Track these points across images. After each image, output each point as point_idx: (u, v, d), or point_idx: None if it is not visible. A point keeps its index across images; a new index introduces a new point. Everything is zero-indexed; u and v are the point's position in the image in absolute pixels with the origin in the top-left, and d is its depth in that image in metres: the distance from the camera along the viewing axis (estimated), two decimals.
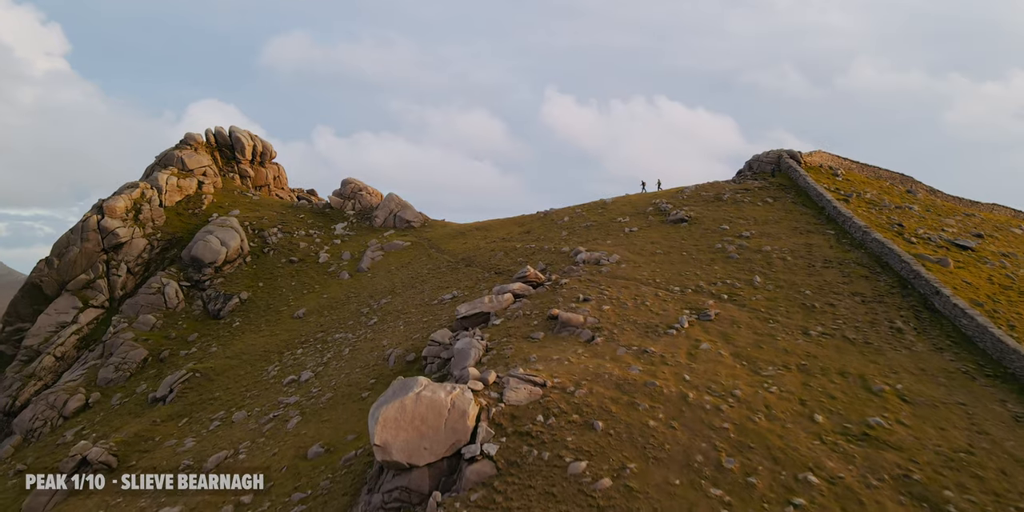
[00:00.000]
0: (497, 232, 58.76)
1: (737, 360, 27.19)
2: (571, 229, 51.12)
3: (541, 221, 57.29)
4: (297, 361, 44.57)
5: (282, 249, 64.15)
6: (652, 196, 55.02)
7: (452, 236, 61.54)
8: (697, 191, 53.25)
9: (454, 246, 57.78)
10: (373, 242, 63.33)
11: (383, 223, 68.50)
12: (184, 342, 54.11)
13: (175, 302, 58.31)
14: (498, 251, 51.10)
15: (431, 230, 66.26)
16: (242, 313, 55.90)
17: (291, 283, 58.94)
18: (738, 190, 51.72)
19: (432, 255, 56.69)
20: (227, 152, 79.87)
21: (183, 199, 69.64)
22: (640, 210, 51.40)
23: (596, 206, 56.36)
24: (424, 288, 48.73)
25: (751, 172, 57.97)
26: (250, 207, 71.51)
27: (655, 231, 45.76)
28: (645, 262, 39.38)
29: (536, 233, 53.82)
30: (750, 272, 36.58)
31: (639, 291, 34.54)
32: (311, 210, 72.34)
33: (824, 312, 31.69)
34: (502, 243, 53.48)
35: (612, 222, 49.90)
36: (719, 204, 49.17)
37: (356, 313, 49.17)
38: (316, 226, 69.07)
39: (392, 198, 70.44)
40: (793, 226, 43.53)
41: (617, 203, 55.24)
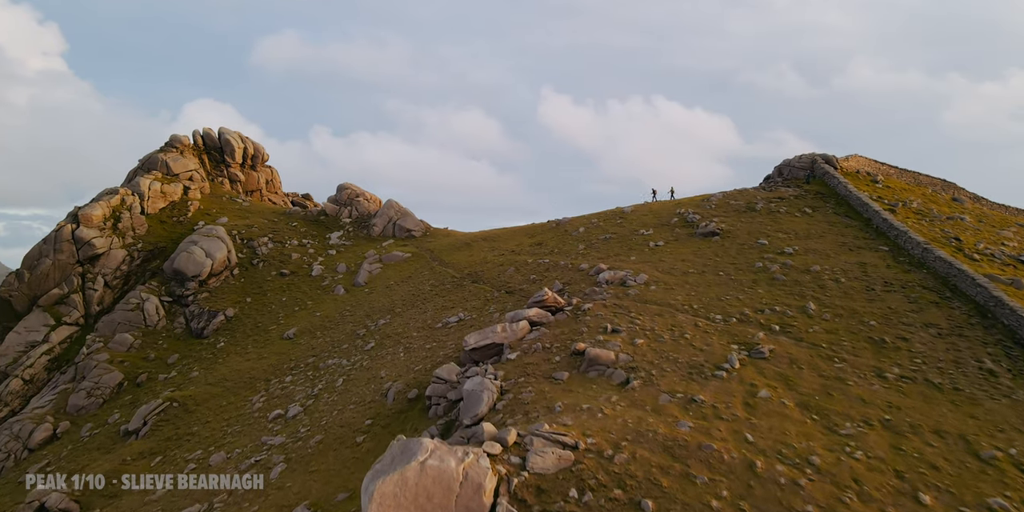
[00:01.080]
0: (505, 243, 54.15)
1: (806, 413, 22.63)
2: (588, 242, 46.51)
3: (553, 232, 52.66)
4: (285, 391, 39.99)
5: (272, 261, 59.52)
6: (675, 205, 50.42)
7: (456, 247, 56.91)
8: (725, 200, 48.64)
9: (459, 259, 53.19)
10: (371, 253, 58.68)
11: (382, 232, 63.76)
12: (163, 365, 49.53)
13: (155, 319, 53.69)
14: (508, 266, 46.50)
15: (433, 240, 61.59)
16: (227, 332, 51.29)
17: (281, 298, 54.33)
18: (771, 199, 47.13)
19: (435, 269, 52.09)
20: (216, 155, 75.18)
21: (167, 206, 64.98)
22: (664, 221, 46.80)
23: (613, 216, 51.74)
24: (427, 308, 44.14)
25: (782, 178, 53.38)
26: (239, 214, 66.85)
27: (684, 246, 41.16)
28: (677, 283, 34.81)
29: (549, 246, 49.21)
30: (801, 297, 32.02)
31: (676, 320, 29.98)
32: (304, 218, 67.59)
33: (897, 348, 27.09)
34: (512, 256, 48.88)
35: (634, 235, 45.30)
36: (752, 215, 44.56)
37: (351, 335, 44.57)
38: (310, 235, 64.37)
39: (391, 205, 65.67)
40: (840, 241, 38.96)
41: (637, 213, 50.63)
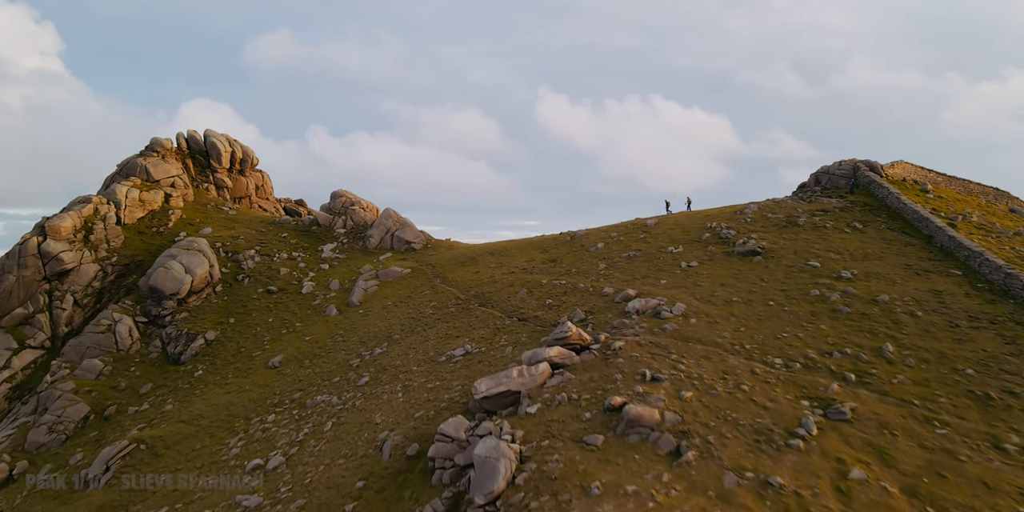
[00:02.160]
0: (515, 259, 49.15)
1: (917, 504, 17.65)
2: (609, 260, 41.52)
3: (568, 247, 47.66)
4: (267, 433, 35.00)
5: (259, 276, 54.52)
6: (704, 218, 45.43)
7: (460, 262, 51.92)
8: (761, 212, 43.66)
9: (463, 276, 48.19)
10: (366, 268, 53.68)
11: (379, 244, 58.76)
12: (135, 395, 44.53)
13: (128, 343, 48.69)
14: (519, 287, 41.51)
15: (435, 253, 56.60)
16: (207, 358, 46.28)
17: (267, 320, 49.31)
18: (814, 212, 42.15)
19: (437, 288, 47.09)
20: (201, 160, 70.19)
21: (146, 215, 59.98)
22: (694, 237, 41.81)
23: (635, 229, 46.74)
24: (428, 335, 39.14)
25: (820, 187, 48.39)
26: (225, 224, 61.86)
27: (721, 267, 36.18)
28: (721, 315, 29.82)
29: (565, 263, 44.22)
30: (873, 335, 27.03)
31: (727, 365, 24.98)
32: (296, 228, 62.55)
33: (1008, 407, 22.08)
34: (523, 276, 43.88)
35: (661, 253, 40.32)
36: (796, 231, 39.57)
37: (343, 365, 39.57)
38: (301, 247, 59.35)
39: (389, 214, 60.61)
40: (903, 263, 33.99)
41: (662, 226, 45.63)
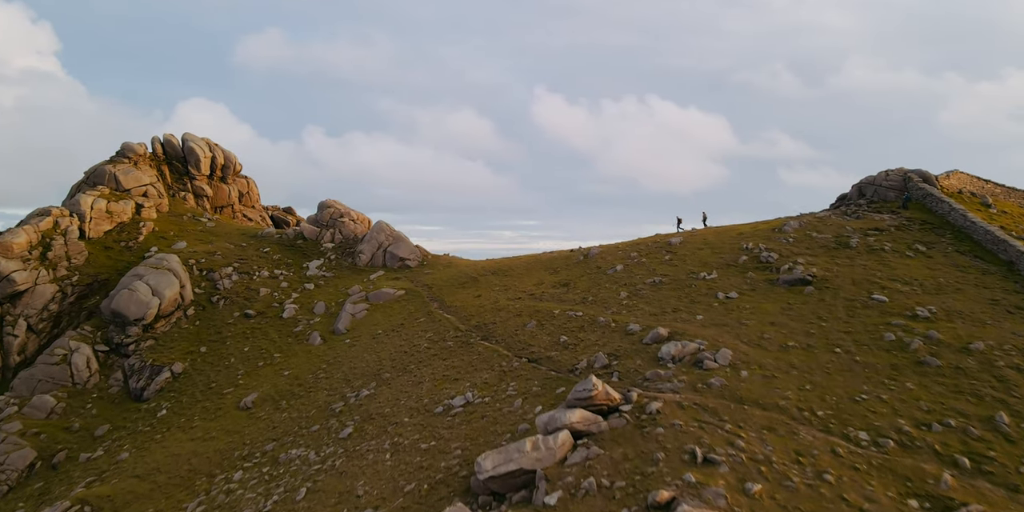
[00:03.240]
0: (521, 281, 43.74)
1: None
2: (631, 287, 36.12)
3: (582, 268, 42.25)
4: (231, 497, 29.59)
5: (236, 297, 49.10)
6: (737, 237, 40.03)
7: (460, 283, 46.50)
8: (804, 231, 38.27)
9: (464, 300, 42.78)
10: (355, 289, 48.25)
11: (370, 261, 53.35)
12: (89, 438, 39.15)
13: (85, 376, 43.29)
14: (527, 317, 36.12)
15: (432, 272, 51.16)
16: (173, 395, 40.88)
17: (243, 349, 43.91)
18: (866, 230, 36.77)
19: (434, 314, 41.68)
20: (179, 166, 64.79)
21: (114, 228, 54.60)
22: (729, 260, 36.42)
23: (657, 248, 41.34)
24: (422, 375, 33.75)
25: (866, 201, 43.01)
26: (202, 237, 56.47)
27: (767, 300, 30.79)
28: (778, 366, 24.42)
29: (579, 289, 38.81)
30: (977, 398, 21.64)
31: (799, 441, 19.58)
32: (279, 242, 57.10)
33: None
34: (531, 303, 38.47)
35: (692, 279, 34.93)
36: (849, 254, 34.19)
37: (324, 409, 34.19)
38: (284, 264, 53.94)
39: (381, 228, 55.19)
40: (986, 297, 28.61)
41: (688, 246, 40.21)
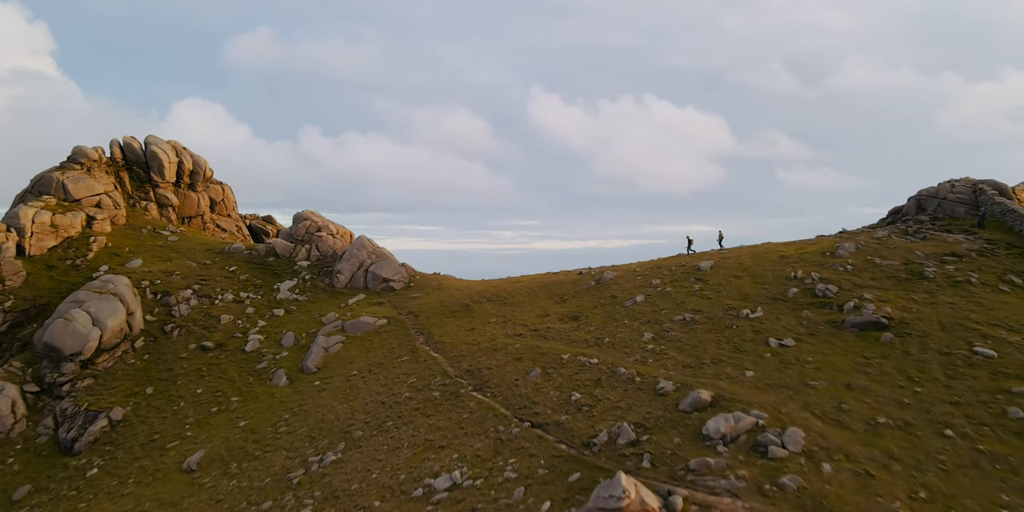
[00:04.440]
0: (522, 311, 37.32)
1: None
2: (656, 325, 29.72)
3: (594, 297, 35.85)
4: None
5: (194, 326, 42.63)
6: (777, 260, 33.65)
7: (451, 312, 40.04)
8: (863, 255, 31.90)
9: (454, 335, 36.36)
10: (331, 317, 41.79)
11: (349, 282, 46.88)
12: (6, 503, 32.74)
13: (10, 422, 36.88)
14: (530, 361, 29.73)
15: (419, 296, 44.64)
16: (108, 449, 34.47)
17: (196, 390, 37.47)
18: (941, 256, 30.42)
19: (418, 352, 35.26)
20: (140, 172, 58.31)
21: (60, 244, 48.15)
22: (774, 292, 30.04)
23: (683, 273, 34.94)
24: (400, 437, 27.36)
25: (929, 217, 36.65)
26: (161, 254, 50.02)
27: (834, 350, 24.42)
28: (870, 454, 18.09)
29: (591, 324, 32.43)
30: None
31: None
32: (248, 259, 50.56)
33: None
34: (535, 342, 32.07)
35: (732, 317, 28.55)
36: (927, 287, 27.83)
37: (281, 479, 27.78)
38: (252, 285, 47.45)
39: (363, 244, 48.66)
40: None
41: (721, 271, 33.81)
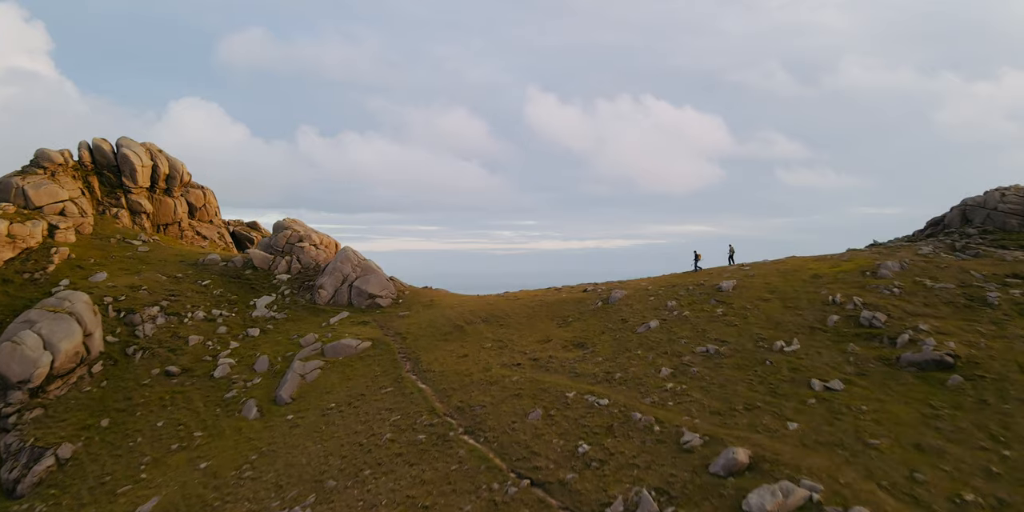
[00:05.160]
0: (521, 336, 33.43)
1: None
2: (674, 358, 25.85)
3: (601, 320, 31.96)
4: None
5: (159, 348, 38.74)
6: (810, 279, 29.79)
7: (443, 333, 36.15)
8: (910, 275, 28.02)
9: (445, 362, 32.46)
10: (310, 338, 37.90)
11: (332, 298, 43.01)
12: None
13: None
14: (530, 400, 25.85)
15: (408, 314, 40.74)
16: (54, 492, 30.57)
17: (156, 423, 33.58)
18: (1003, 278, 26.55)
19: (404, 382, 31.37)
20: (111, 177, 54.42)
21: (18, 256, 44.26)
22: (811, 319, 26.17)
23: (702, 294, 31.05)
24: (379, 491, 23.49)
25: (977, 230, 32.77)
26: (129, 266, 46.12)
27: (891, 394, 20.56)
28: None
29: (600, 353, 28.56)
30: None
31: None
32: (224, 272, 46.66)
33: None
34: (535, 374, 28.17)
35: (764, 349, 24.69)
36: (993, 316, 23.96)
37: None
38: (226, 301, 43.55)
39: (348, 256, 44.74)
40: None
41: (746, 292, 29.91)
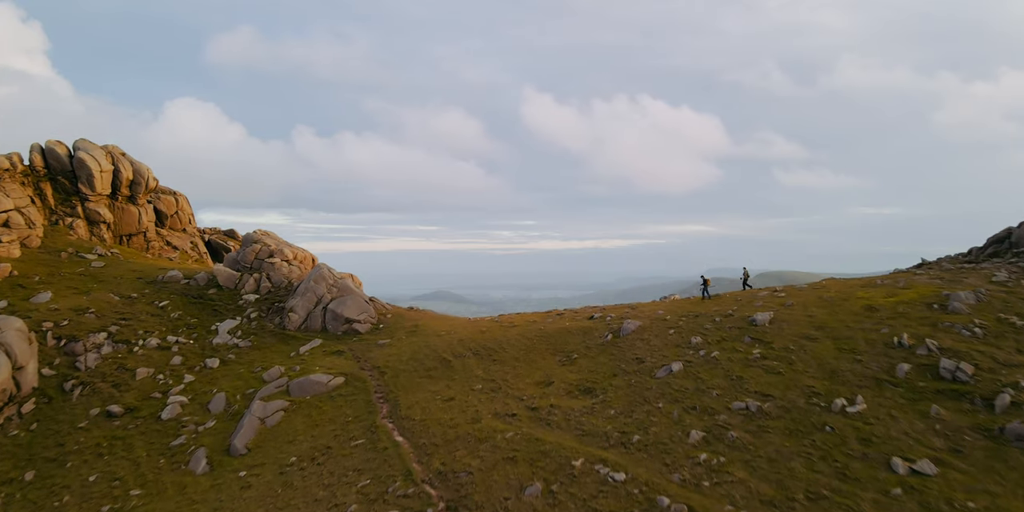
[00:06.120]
0: (517, 375, 28.44)
1: None
2: (705, 416, 20.93)
3: (611, 358, 26.98)
4: None
5: (102, 383, 33.66)
6: (862, 311, 24.93)
7: (426, 368, 31.13)
8: (989, 310, 23.13)
9: (427, 408, 27.44)
10: (274, 373, 32.85)
11: (304, 323, 37.97)
12: None
13: None
14: (527, 467, 20.89)
15: (389, 342, 35.72)
16: None
17: (88, 477, 28.50)
18: None
19: (379, 433, 26.33)
20: (66, 183, 49.36)
21: None
22: (873, 366, 21.25)
23: (732, 329, 26.16)
24: None
25: None
26: (78, 284, 41.05)
27: (1004, 486, 15.61)
28: None
29: (611, 402, 23.60)
30: None
31: None
32: (185, 291, 41.55)
33: None
34: (534, 429, 23.20)
35: (819, 409, 19.75)
36: None
37: None
38: (184, 326, 38.48)
39: (322, 275, 39.57)
40: None
41: (786, 328, 25.01)
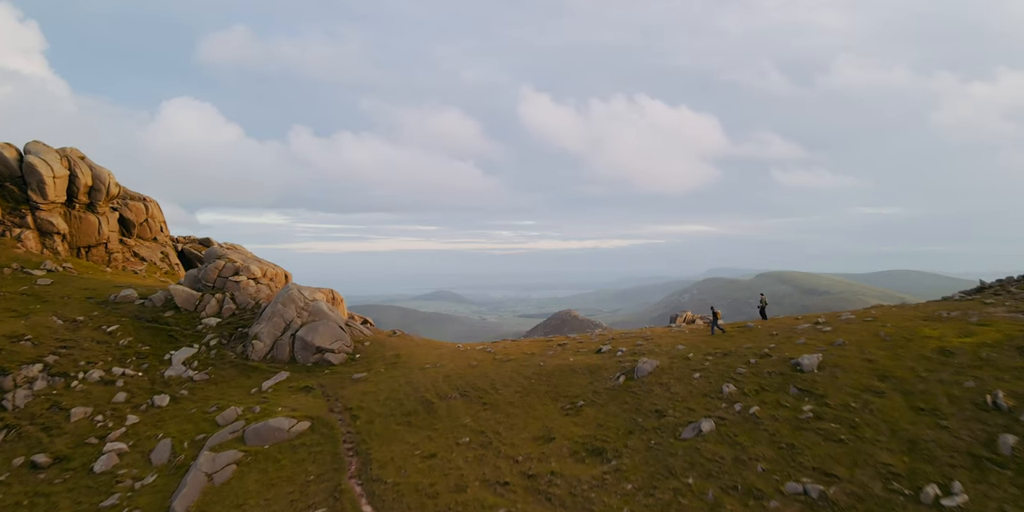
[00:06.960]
0: (512, 424, 23.79)
1: None
2: (751, 498, 16.35)
3: (623, 408, 22.31)
4: None
5: (30, 426, 29.00)
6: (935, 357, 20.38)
7: (405, 413, 26.44)
8: None
9: (403, 467, 22.78)
10: (230, 415, 28.17)
11: (270, 352, 33.30)
12: None
13: None
14: None
15: (365, 377, 31.03)
16: None
17: None
18: None
19: (343, 499, 21.63)
20: (15, 190, 44.72)
21: None
22: (969, 440, 16.63)
23: (771, 373, 21.59)
24: None
25: None
26: (17, 306, 36.40)
27: None
28: None
29: (626, 473, 18.94)
30: None
31: None
32: (138, 314, 36.87)
33: None
34: (531, 508, 18.56)
35: (904, 500, 15.21)
36: None
37: None
38: (134, 354, 33.82)
39: (292, 297, 34.74)
40: None
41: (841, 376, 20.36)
